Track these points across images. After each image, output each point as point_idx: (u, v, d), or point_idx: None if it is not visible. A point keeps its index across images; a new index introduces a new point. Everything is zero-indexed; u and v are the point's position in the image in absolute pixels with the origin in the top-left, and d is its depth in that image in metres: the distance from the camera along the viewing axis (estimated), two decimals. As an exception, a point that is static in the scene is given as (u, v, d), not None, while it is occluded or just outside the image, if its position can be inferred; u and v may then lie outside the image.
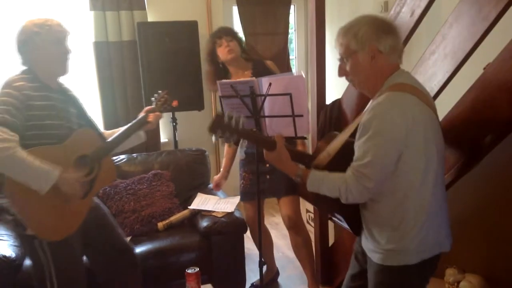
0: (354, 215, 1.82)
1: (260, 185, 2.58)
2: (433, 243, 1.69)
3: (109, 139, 2.26)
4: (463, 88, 2.05)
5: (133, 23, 3.89)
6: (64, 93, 2.19)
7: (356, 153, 1.64)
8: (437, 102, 1.90)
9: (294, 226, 2.97)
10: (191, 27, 3.86)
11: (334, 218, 2.03)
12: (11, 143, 1.88)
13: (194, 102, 3.94)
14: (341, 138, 1.82)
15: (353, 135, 1.71)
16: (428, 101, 1.68)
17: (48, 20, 2.09)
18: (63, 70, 2.14)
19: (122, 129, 2.32)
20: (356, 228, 1.85)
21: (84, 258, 2.37)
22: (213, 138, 1.83)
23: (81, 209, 2.15)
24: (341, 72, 1.77)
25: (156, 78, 3.77)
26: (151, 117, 2.36)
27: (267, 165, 2.78)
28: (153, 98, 2.49)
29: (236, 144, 2.02)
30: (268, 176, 2.88)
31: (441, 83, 2.18)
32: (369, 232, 1.76)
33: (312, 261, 3.08)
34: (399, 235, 1.66)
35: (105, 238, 2.38)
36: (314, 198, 1.79)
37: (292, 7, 4.86)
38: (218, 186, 3.18)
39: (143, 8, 3.94)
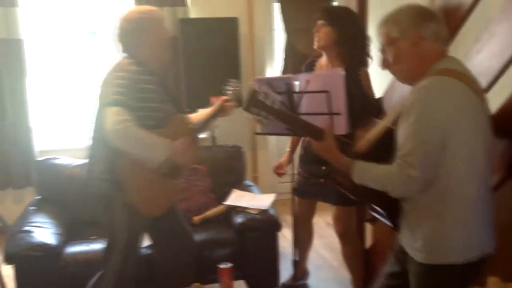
0: (395, 208, 1.73)
1: (313, 187, 2.49)
2: (477, 242, 1.60)
3: (197, 125, 2.35)
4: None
5: (175, 19, 3.93)
6: (160, 77, 2.29)
7: (398, 141, 1.57)
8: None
9: (345, 237, 2.88)
10: (232, 23, 3.87)
11: (374, 214, 1.97)
12: (130, 122, 2.00)
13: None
14: (381, 125, 1.74)
15: (394, 121, 1.65)
16: (478, 90, 1.59)
17: (150, 8, 2.28)
18: (167, 54, 2.27)
19: (200, 115, 2.42)
20: (397, 223, 1.77)
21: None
22: (248, 115, 1.76)
23: (175, 188, 2.28)
24: (384, 63, 1.70)
25: (196, 74, 3.81)
26: (227, 106, 2.41)
27: (323, 167, 2.69)
28: (225, 87, 2.49)
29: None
30: (322, 180, 2.73)
31: (487, 83, 2.08)
32: (409, 227, 1.69)
33: (359, 273, 2.98)
34: (441, 231, 1.58)
35: (175, 221, 2.45)
36: (353, 189, 1.74)
37: (335, 3, 4.78)
38: (280, 169, 2.99)
39: (185, 4, 3.99)
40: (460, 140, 1.52)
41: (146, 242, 2.51)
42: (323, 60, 2.73)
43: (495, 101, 2.07)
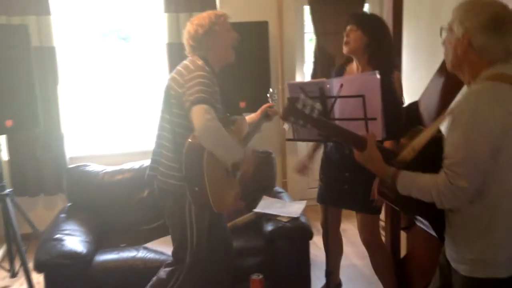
0: (440, 220, 1.67)
1: (336, 194, 2.45)
2: None
3: (249, 130, 2.47)
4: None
5: (205, 24, 3.91)
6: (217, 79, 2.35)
7: (446, 149, 1.50)
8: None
9: (371, 246, 2.79)
10: (262, 27, 3.82)
11: (419, 224, 1.89)
12: (217, 120, 2.08)
13: (263, 103, 3.88)
14: (427, 133, 1.67)
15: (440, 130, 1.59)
16: None
17: (218, 11, 2.41)
18: (232, 56, 2.37)
19: (248, 119, 2.54)
20: (442, 233, 1.70)
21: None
22: (285, 126, 1.72)
23: (236, 189, 2.34)
24: (443, 41, 1.65)
25: (226, 79, 3.75)
26: (271, 112, 2.57)
27: (347, 174, 2.63)
28: (268, 95, 2.64)
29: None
30: (346, 186, 2.66)
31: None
32: (453, 239, 1.62)
33: (391, 282, 2.87)
34: (487, 243, 1.52)
35: (223, 226, 2.53)
36: (395, 199, 1.68)
37: (366, 5, 4.68)
38: (302, 170, 2.87)
39: (214, 9, 3.96)
40: None
41: None
42: (354, 65, 2.66)
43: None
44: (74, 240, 2.61)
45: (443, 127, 1.64)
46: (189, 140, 2.11)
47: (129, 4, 4.07)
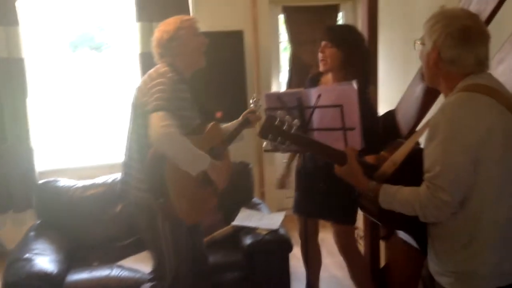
0: (422, 232, 1.66)
1: (311, 204, 2.42)
2: (509, 271, 1.50)
3: (227, 136, 2.40)
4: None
5: (179, 33, 3.86)
6: (190, 86, 2.29)
7: (425, 162, 1.48)
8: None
9: (348, 256, 2.78)
10: (237, 36, 3.80)
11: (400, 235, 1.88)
12: (175, 128, 2.01)
13: (239, 113, 3.84)
14: (407, 146, 1.68)
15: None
16: (510, 104, 1.48)
17: (184, 16, 2.32)
18: (202, 61, 2.32)
19: (227, 126, 2.49)
20: (425, 247, 1.69)
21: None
22: (264, 144, 1.70)
23: (212, 199, 2.28)
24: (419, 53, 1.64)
25: (200, 89, 3.70)
26: (253, 118, 2.50)
27: (321, 184, 2.61)
28: (251, 100, 2.60)
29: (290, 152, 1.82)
30: (320, 197, 2.64)
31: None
32: (435, 251, 1.61)
33: None
34: (470, 256, 1.51)
35: (194, 239, 2.40)
36: (378, 214, 1.66)
37: (340, 14, 4.71)
38: (283, 186, 2.93)
39: (188, 18, 3.91)
40: (492, 160, 1.43)
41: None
42: (329, 76, 2.63)
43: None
44: (44, 260, 2.50)
45: (422, 139, 1.63)
46: (151, 150, 2.06)
47: (101, 14, 3.98)
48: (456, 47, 1.49)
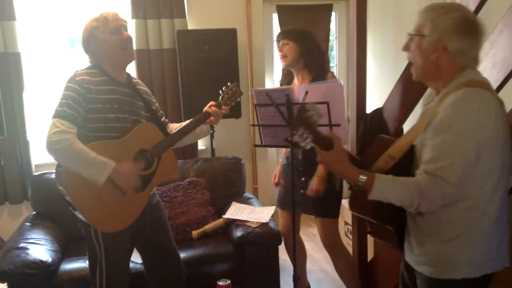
0: (402, 224, 1.69)
1: (294, 198, 2.49)
2: (496, 256, 1.55)
3: (171, 134, 2.27)
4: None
5: (173, 31, 3.91)
6: (133, 87, 2.23)
7: (429, 154, 1.48)
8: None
9: (332, 249, 2.85)
10: (231, 34, 3.84)
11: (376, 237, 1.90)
12: (69, 135, 1.96)
13: (232, 110, 3.86)
14: (405, 140, 1.63)
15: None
16: (502, 101, 1.54)
17: (103, 13, 2.17)
18: (127, 57, 2.18)
19: (185, 123, 2.33)
20: (402, 242, 1.72)
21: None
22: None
23: (138, 203, 2.16)
24: (405, 47, 1.62)
25: (195, 85, 3.78)
26: (213, 111, 2.32)
27: (303, 178, 2.69)
28: (221, 91, 2.41)
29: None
30: (302, 191, 2.72)
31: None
32: (419, 242, 1.61)
33: (354, 284, 2.93)
34: (459, 245, 1.53)
35: (155, 238, 2.37)
36: (372, 211, 1.63)
37: (333, 14, 4.78)
38: (279, 182, 2.98)
39: (183, 16, 3.97)
40: (495, 153, 1.47)
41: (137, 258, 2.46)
42: (295, 80, 2.81)
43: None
44: (39, 249, 2.56)
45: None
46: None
47: (97, 11, 4.02)
48: (465, 39, 1.49)
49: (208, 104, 2.35)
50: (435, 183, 1.45)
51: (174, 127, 2.41)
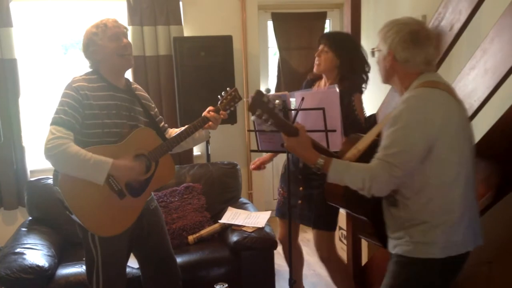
0: (380, 217, 1.80)
1: (291, 207, 2.49)
2: (460, 242, 1.68)
3: (168, 139, 2.27)
4: (504, 105, 1.96)
5: (170, 37, 3.94)
6: (132, 92, 2.25)
7: (383, 142, 1.66)
8: (477, 119, 1.83)
9: (328, 263, 2.85)
10: (226, 41, 3.87)
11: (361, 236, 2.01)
12: (64, 140, 1.97)
13: (227, 116, 3.93)
14: (370, 136, 1.86)
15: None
16: (459, 99, 1.72)
17: (103, 20, 2.18)
18: (125, 64, 2.19)
19: (183, 128, 2.32)
20: (383, 236, 1.82)
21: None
22: (252, 118, 1.74)
23: (135, 207, 2.17)
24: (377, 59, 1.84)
25: (191, 92, 3.80)
26: (211, 116, 2.30)
27: (301, 188, 2.70)
28: (220, 96, 2.38)
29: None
30: (300, 201, 2.72)
31: (481, 100, 2.09)
32: (395, 229, 1.75)
33: None
34: (428, 228, 1.67)
35: (152, 243, 2.38)
36: (341, 198, 1.80)
37: (327, 21, 4.84)
38: (257, 167, 2.95)
39: (179, 23, 4.00)
40: (449, 146, 1.62)
41: (134, 263, 2.47)
42: (322, 82, 2.74)
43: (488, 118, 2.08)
44: (35, 254, 2.56)
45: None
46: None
47: (93, 17, 4.05)
48: (408, 49, 1.70)
49: (207, 109, 2.34)
50: (384, 167, 1.62)
51: (174, 132, 2.42)
